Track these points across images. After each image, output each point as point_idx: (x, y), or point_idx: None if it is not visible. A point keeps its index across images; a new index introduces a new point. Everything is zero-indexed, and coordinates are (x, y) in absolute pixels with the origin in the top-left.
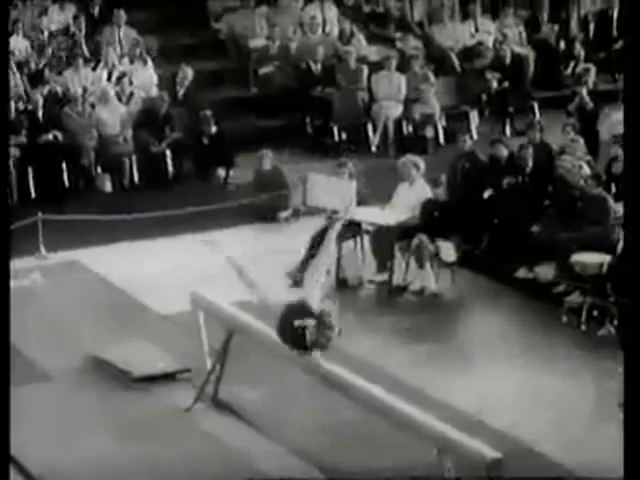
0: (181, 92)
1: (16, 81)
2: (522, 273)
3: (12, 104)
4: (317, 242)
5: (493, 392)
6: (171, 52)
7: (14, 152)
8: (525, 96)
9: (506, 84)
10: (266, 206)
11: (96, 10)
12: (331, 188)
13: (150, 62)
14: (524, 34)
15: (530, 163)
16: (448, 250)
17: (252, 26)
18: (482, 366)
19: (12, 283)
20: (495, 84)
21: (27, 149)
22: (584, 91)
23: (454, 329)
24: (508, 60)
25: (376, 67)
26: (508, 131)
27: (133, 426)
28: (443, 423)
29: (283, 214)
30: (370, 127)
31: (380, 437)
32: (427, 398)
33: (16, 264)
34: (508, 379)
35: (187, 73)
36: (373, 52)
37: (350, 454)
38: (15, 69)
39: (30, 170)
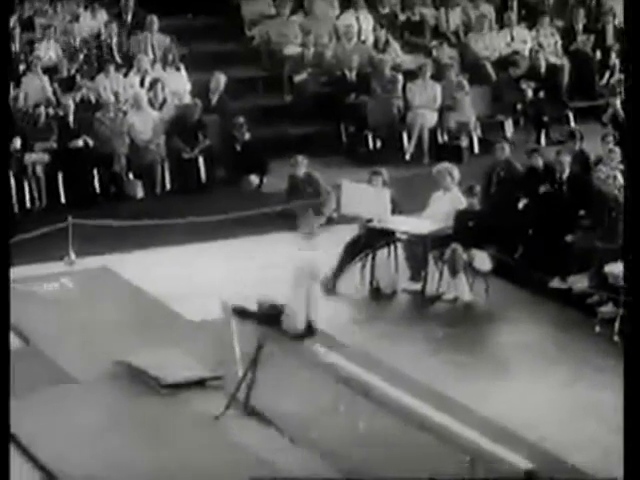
0: (214, 99)
1: (45, 86)
2: (556, 283)
3: (42, 109)
4: (350, 250)
5: (526, 402)
6: (204, 59)
7: (43, 157)
8: (560, 106)
9: (541, 94)
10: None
11: (128, 16)
12: (365, 196)
13: (183, 69)
14: (560, 44)
15: (567, 171)
16: (482, 259)
17: (287, 33)
18: (515, 376)
19: (41, 288)
20: (530, 93)
21: (57, 154)
22: (618, 102)
23: (487, 339)
24: (543, 70)
25: (411, 75)
26: (543, 140)
27: (162, 432)
28: (476, 433)
29: (317, 221)
30: (405, 135)
31: (412, 446)
32: (459, 407)
33: (45, 269)
34: (541, 389)
35: (220, 80)
36: (408, 60)
37: (382, 463)
38: (41, 74)
39: (60, 175)
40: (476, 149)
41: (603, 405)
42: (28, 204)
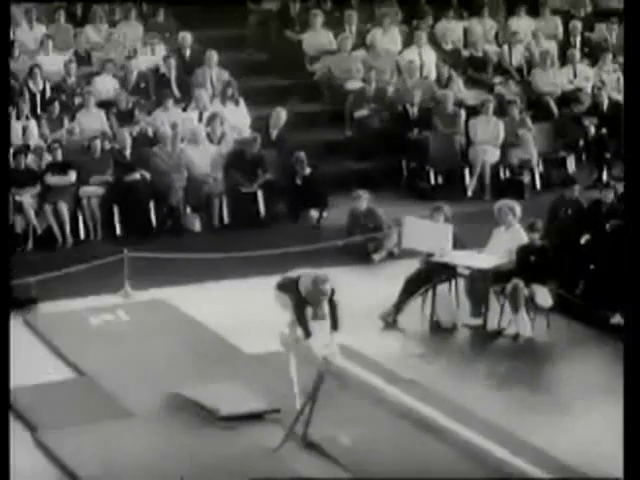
0: (274, 133)
1: (101, 119)
2: (617, 319)
3: (98, 143)
4: (411, 285)
5: (588, 440)
6: (265, 93)
7: (97, 190)
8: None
9: (603, 130)
10: (360, 247)
11: (187, 51)
12: (427, 231)
13: (243, 103)
14: (622, 80)
15: None
16: (544, 295)
17: (349, 69)
18: (577, 414)
19: (96, 320)
20: (593, 130)
21: (113, 188)
22: None
23: (549, 375)
24: (606, 106)
25: (473, 111)
26: (605, 177)
27: (218, 465)
28: (536, 469)
29: (377, 256)
30: (467, 171)
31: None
32: (521, 444)
33: (101, 301)
34: (603, 427)
35: (280, 114)
36: (470, 96)
37: None
38: (97, 107)
39: (116, 208)
40: (538, 185)
41: None
42: (83, 236)
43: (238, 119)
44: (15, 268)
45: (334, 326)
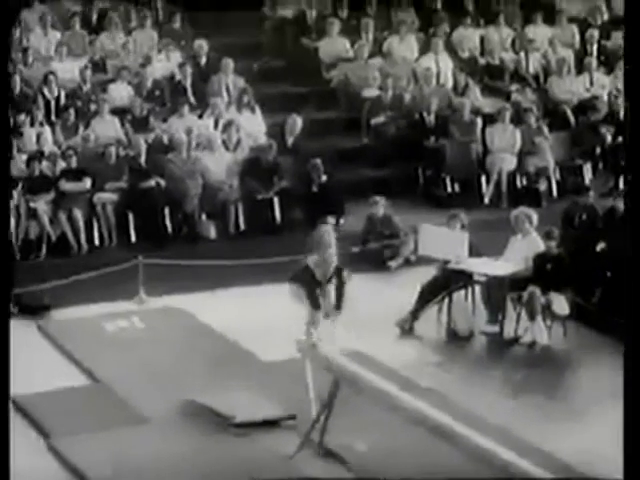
0: (290, 140)
1: (116, 126)
2: None
3: (112, 149)
4: (427, 292)
5: (603, 448)
6: (281, 101)
7: (112, 197)
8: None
9: (620, 138)
10: (376, 254)
11: (203, 59)
12: (443, 239)
13: (259, 110)
14: None
15: None
16: (560, 303)
17: (365, 76)
18: (592, 421)
19: (111, 326)
20: (609, 138)
21: (128, 194)
22: None
23: (565, 383)
24: (622, 114)
25: (490, 119)
26: (621, 185)
27: (233, 472)
28: (552, 475)
29: (394, 263)
30: (483, 179)
31: None
32: (536, 451)
33: (115, 307)
34: (619, 435)
35: (296, 121)
36: (487, 104)
37: None
38: (111, 115)
39: (131, 215)
40: (554, 193)
41: None
42: (97, 242)
43: (254, 126)
44: (29, 275)
45: (337, 305)
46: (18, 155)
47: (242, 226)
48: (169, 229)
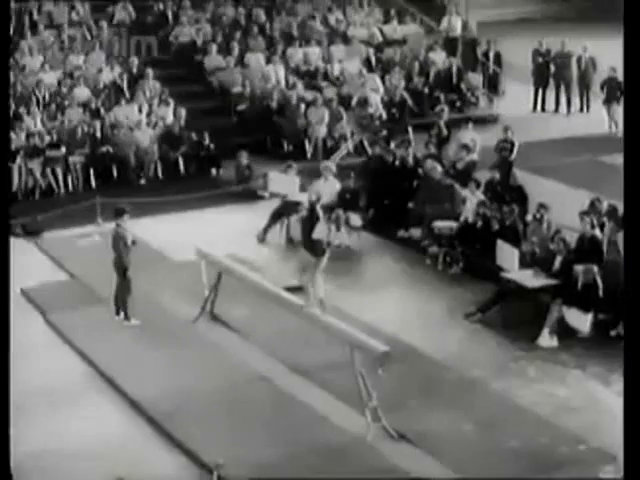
0: (181, 123)
1: (80, 114)
2: (401, 233)
3: (79, 129)
4: (275, 215)
5: (384, 310)
6: (181, 96)
7: (80, 159)
8: None
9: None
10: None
11: (134, 69)
12: (283, 181)
13: (172, 103)
14: None
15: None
16: (355, 219)
17: (233, 79)
18: (377, 293)
19: (81, 242)
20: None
21: (89, 157)
22: None
23: (359, 270)
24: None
25: (309, 104)
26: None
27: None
28: (353, 329)
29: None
30: (307, 142)
31: (310, 337)
32: (342, 312)
33: (83, 230)
34: (393, 301)
35: (181, 113)
36: (308, 95)
37: (293, 349)
38: (77, 106)
39: (92, 170)
40: (351, 151)
41: (433, 312)
42: (71, 188)
43: (167, 113)
44: (28, 210)
45: None
46: (20, 133)
47: (160, 175)
48: (115, 179)
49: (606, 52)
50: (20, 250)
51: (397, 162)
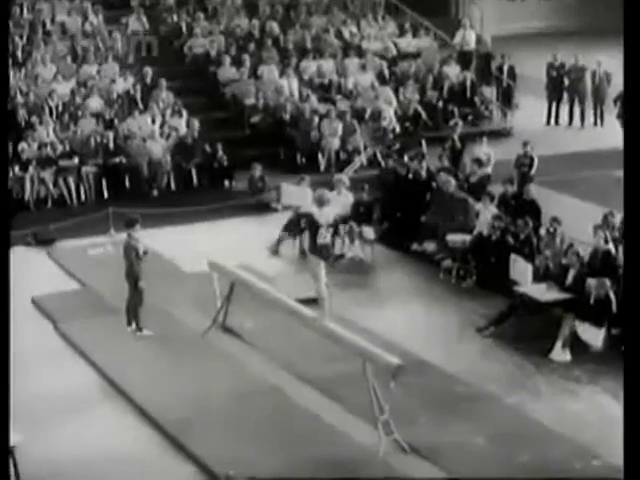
0: (194, 135)
1: (93, 125)
2: (414, 246)
3: (92, 139)
4: (288, 227)
5: (398, 322)
6: (194, 107)
7: (92, 169)
8: None
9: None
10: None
11: (148, 79)
12: (296, 193)
13: (185, 114)
14: None
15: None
16: (369, 232)
17: (246, 91)
18: (390, 306)
19: (92, 251)
20: (393, 123)
21: (102, 167)
22: None
23: (372, 282)
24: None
25: (322, 116)
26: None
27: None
28: (366, 341)
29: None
30: (320, 155)
31: (323, 349)
32: (355, 325)
33: (95, 240)
34: (406, 314)
35: (194, 124)
36: (321, 107)
37: (305, 360)
38: (90, 117)
39: (104, 180)
40: (365, 164)
41: (446, 325)
42: (83, 198)
43: (180, 124)
44: (41, 219)
45: None
46: (32, 143)
47: (173, 186)
48: (128, 189)
49: (620, 66)
50: (31, 259)
51: (410, 175)
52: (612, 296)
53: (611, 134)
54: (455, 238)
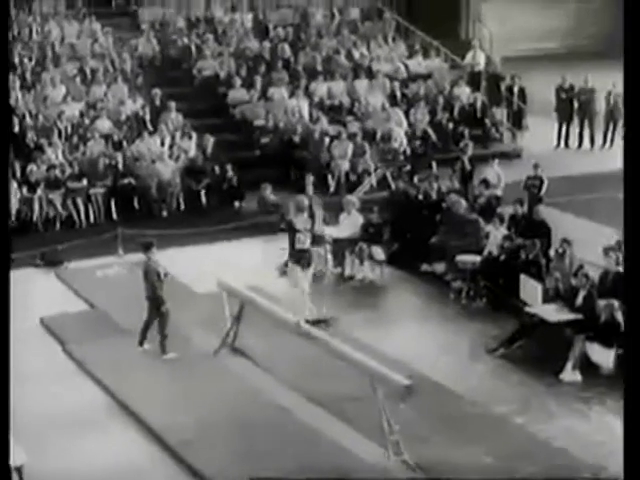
0: (209, 152)
1: (102, 146)
2: (424, 267)
3: (101, 160)
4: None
5: (407, 342)
6: (204, 129)
7: (101, 190)
8: None
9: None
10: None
11: (157, 101)
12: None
13: (194, 135)
14: None
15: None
16: (378, 253)
17: (256, 112)
18: (400, 325)
19: (100, 272)
20: (404, 143)
21: (110, 189)
22: None
23: (383, 302)
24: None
25: (332, 138)
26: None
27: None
28: (376, 362)
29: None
30: (329, 176)
31: (331, 369)
32: (365, 345)
33: (104, 261)
34: (415, 334)
35: (209, 140)
36: (331, 129)
37: (314, 381)
38: (99, 138)
39: (113, 202)
40: (374, 185)
41: (456, 346)
42: (92, 220)
43: (190, 145)
44: (49, 240)
45: None
46: (41, 165)
47: (182, 207)
48: (137, 210)
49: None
50: (40, 280)
51: (421, 196)
52: (620, 317)
53: (620, 156)
54: (465, 259)
